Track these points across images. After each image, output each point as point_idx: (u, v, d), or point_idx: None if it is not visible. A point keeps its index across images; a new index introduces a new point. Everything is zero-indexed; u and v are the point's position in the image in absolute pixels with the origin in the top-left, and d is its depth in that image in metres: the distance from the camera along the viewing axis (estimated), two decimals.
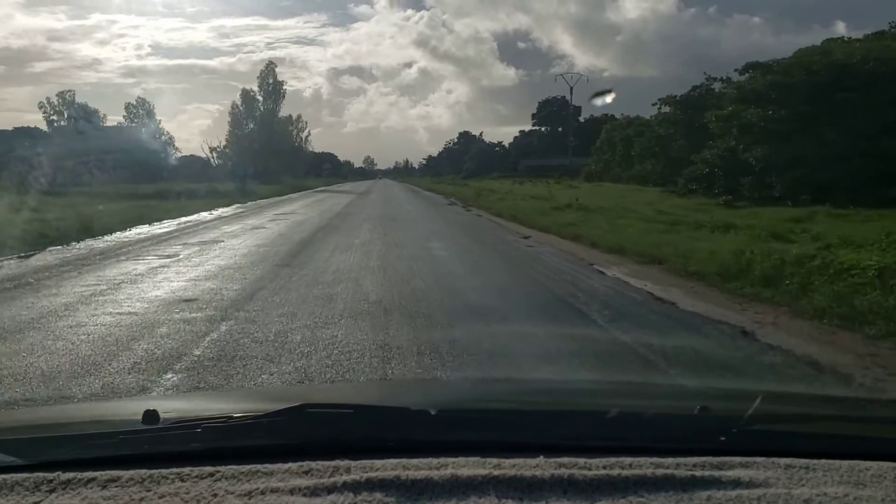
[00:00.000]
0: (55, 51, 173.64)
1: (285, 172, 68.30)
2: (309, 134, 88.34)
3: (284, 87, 73.32)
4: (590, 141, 71.50)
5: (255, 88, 72.40)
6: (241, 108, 72.18)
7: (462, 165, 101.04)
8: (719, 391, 2.67)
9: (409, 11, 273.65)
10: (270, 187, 47.13)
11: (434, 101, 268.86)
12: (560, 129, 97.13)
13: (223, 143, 72.35)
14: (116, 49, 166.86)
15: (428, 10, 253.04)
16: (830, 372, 4.42)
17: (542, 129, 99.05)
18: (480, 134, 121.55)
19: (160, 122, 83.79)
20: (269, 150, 69.76)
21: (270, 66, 72.79)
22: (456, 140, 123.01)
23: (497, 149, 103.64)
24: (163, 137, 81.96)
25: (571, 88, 67.14)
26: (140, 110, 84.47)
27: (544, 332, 5.46)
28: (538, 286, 7.91)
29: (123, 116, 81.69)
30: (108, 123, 72.86)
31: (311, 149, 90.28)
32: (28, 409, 3.15)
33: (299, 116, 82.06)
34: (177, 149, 78.46)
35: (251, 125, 72.28)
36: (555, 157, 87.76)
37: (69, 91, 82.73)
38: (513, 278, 8.65)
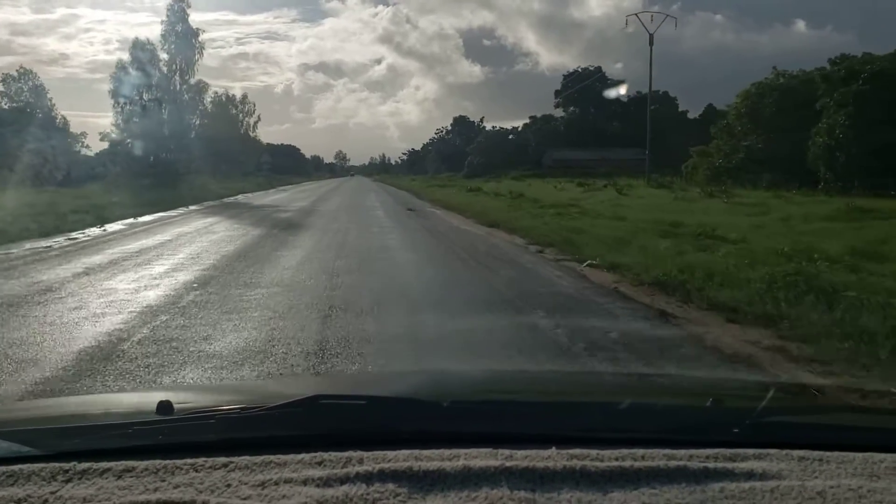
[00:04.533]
0: (20, 45, 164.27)
1: (222, 168, 47.37)
2: (258, 120, 67.92)
3: (201, 38, 47.16)
4: (642, 127, 47.68)
5: (157, 41, 46.77)
6: (133, 71, 46.22)
7: (461, 160, 75.64)
8: (732, 383, 2.75)
9: (380, 7, 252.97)
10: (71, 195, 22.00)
11: (404, 97, 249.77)
12: (592, 111, 72.98)
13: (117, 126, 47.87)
14: (83, 44, 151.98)
15: (394, 4, 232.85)
16: None
17: (570, 110, 74.24)
18: (481, 120, 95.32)
19: (52, 102, 58.61)
20: (186, 137, 45.54)
21: (179, 2, 46.29)
22: (449, 128, 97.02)
23: (511, 136, 77.73)
24: (56, 121, 56.94)
25: (651, 36, 41.82)
26: (23, 86, 58.57)
27: None
28: None
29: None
30: None
31: (260, 139, 68.95)
32: (43, 401, 3.08)
33: (244, 97, 58.18)
34: (77, 140, 54.84)
35: (148, 97, 46.50)
36: (594, 149, 63.74)
37: None
38: None
